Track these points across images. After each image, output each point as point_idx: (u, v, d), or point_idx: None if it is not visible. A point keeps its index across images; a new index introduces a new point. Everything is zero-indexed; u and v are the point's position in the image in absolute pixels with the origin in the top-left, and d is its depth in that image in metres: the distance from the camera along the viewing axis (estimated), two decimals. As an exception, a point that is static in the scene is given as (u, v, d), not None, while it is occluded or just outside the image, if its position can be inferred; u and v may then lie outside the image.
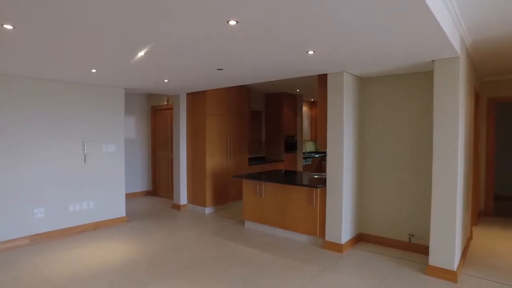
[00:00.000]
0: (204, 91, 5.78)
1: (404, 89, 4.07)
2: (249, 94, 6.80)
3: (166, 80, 4.69)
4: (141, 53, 3.10)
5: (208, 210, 5.88)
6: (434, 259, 3.35)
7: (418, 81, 3.95)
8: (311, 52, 3.06)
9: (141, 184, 7.39)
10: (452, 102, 3.23)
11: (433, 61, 3.34)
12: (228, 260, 3.77)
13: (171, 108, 6.63)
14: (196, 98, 5.96)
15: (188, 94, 6.11)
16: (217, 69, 3.89)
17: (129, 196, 6.92)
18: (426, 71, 3.78)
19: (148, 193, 7.50)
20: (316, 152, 8.93)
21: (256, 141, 7.53)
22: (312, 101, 8.77)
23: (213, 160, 5.90)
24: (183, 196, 6.17)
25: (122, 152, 5.31)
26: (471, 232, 4.53)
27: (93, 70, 3.89)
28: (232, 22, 2.27)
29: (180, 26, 2.36)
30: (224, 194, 6.11)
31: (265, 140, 7.76)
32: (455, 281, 3.20)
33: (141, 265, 3.62)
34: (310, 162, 8.32)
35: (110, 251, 4.04)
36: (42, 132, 4.41)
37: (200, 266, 3.59)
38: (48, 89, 4.45)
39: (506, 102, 5.92)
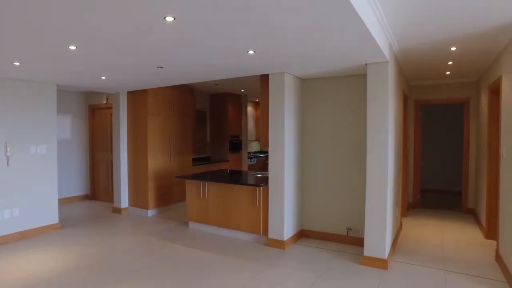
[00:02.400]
0: (146, 90, 5.57)
1: (342, 90, 4.30)
2: (192, 94, 6.69)
3: (103, 77, 4.44)
4: (72, 47, 2.89)
5: (150, 212, 5.68)
6: (368, 249, 3.59)
7: (355, 82, 4.19)
8: (251, 52, 3.10)
9: (78, 187, 6.90)
10: (383, 103, 3.48)
11: (366, 64, 3.57)
12: (171, 262, 3.67)
13: (111, 107, 6.29)
14: (137, 97, 5.73)
15: (128, 92, 5.85)
16: (158, 67, 3.78)
17: (64, 201, 6.43)
18: (362, 73, 4.03)
19: (86, 197, 7.03)
20: (261, 152, 9.07)
21: (201, 141, 7.44)
22: (256, 102, 8.89)
23: (156, 161, 5.71)
24: (124, 199, 5.88)
25: (55, 154, 4.91)
26: (401, 223, 4.93)
27: (16, 63, 3.54)
28: (169, 19, 2.22)
29: (108, 20, 2.24)
30: (167, 195, 5.95)
31: (210, 140, 7.70)
32: (385, 268, 3.45)
33: (76, 275, 3.37)
34: (255, 162, 8.43)
35: (38, 263, 3.69)
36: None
37: (141, 271, 3.45)
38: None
39: (429, 104, 6.53)
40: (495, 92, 4.08)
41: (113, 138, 6.02)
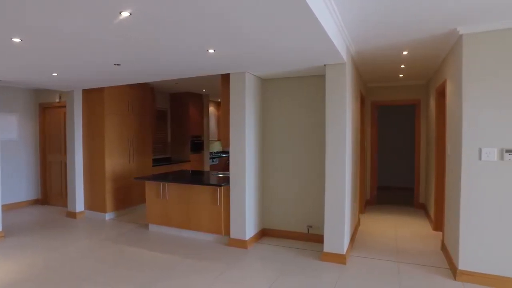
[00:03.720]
0: (102, 88, 5.34)
1: (303, 90, 4.39)
2: (153, 93, 6.52)
3: (55, 74, 4.19)
4: (16, 39, 2.70)
5: (108, 215, 5.45)
6: (328, 246, 3.69)
7: (316, 83, 4.29)
8: (211, 51, 3.08)
9: (26, 192, 6.43)
10: (340, 103, 3.61)
11: (325, 65, 3.68)
12: (130, 266, 3.55)
13: (65, 106, 5.95)
14: (93, 96, 5.47)
15: (84, 90, 5.57)
16: (114, 64, 3.63)
17: (10, 207, 5.98)
18: (322, 74, 4.12)
19: (37, 202, 6.58)
20: (223, 152, 9.03)
21: (161, 142, 7.26)
22: (218, 101, 8.84)
23: (114, 162, 5.49)
24: (79, 202, 5.59)
25: (-2, 156, 4.56)
26: (359, 219, 5.13)
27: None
28: (125, 14, 2.15)
29: (55, 12, 2.12)
30: (126, 197, 5.74)
31: (171, 141, 7.54)
32: (344, 263, 3.58)
33: (23, 287, 3.14)
34: (217, 162, 8.38)
35: (-19, 273, 3.41)
36: None
37: (97, 277, 3.30)
38: None
39: (385, 105, 6.87)
40: (441, 94, 4.38)
41: (67, 139, 5.70)
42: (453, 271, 3.28)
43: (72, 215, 5.58)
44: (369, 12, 2.72)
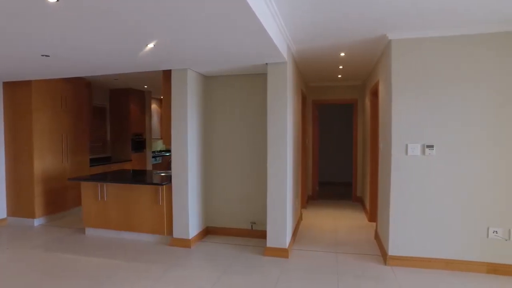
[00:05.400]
0: (29, 81, 4.87)
1: (246, 88, 4.42)
2: (89, 88, 6.12)
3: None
4: None
5: (38, 221, 5.00)
6: (271, 241, 3.77)
7: (258, 81, 4.35)
8: (151, 45, 2.97)
9: None
10: (282, 102, 3.70)
11: (266, 64, 3.74)
12: (64, 275, 3.28)
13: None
14: (18, 89, 4.97)
15: (6, 83, 5.03)
16: (42, 55, 3.34)
17: None
18: (264, 72, 4.18)
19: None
20: (166, 151, 8.79)
21: (100, 140, 6.85)
22: (161, 98, 8.56)
23: (44, 163, 5.05)
24: (1, 209, 5.05)
25: None
26: (301, 214, 5.31)
27: None
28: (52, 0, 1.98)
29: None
30: (60, 200, 5.32)
31: (110, 139, 7.15)
32: (287, 256, 3.68)
33: None
34: (160, 161, 8.13)
35: None
36: None
37: (23, 288, 3.01)
38: None
39: (326, 104, 7.19)
40: (375, 94, 4.70)
41: (-15, 138, 5.12)
42: (384, 257, 3.55)
43: (-7, 222, 5.03)
44: (308, 14, 2.83)
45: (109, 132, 7.13)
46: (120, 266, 3.50)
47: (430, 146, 3.30)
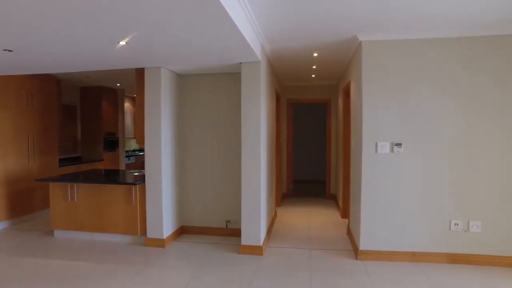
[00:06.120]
0: (-9, 78, 4.65)
1: (220, 87, 4.42)
2: (58, 86, 5.91)
3: None
4: None
5: (1, 225, 4.78)
6: (245, 239, 3.80)
7: (232, 80, 4.35)
8: (122, 43, 2.91)
9: None
10: (255, 100, 3.73)
11: (240, 63, 3.76)
12: (32, 280, 3.14)
13: None
14: (-21, 86, 4.73)
15: (-34, 80, 4.78)
16: (5, 50, 3.19)
17: None
18: (239, 71, 4.19)
19: None
20: (140, 150, 8.63)
21: (70, 140, 6.63)
22: (135, 97, 8.40)
23: (8, 164, 4.83)
24: (-37, 211, 4.79)
25: None
26: (276, 212, 5.38)
27: None
28: (15, -6, 1.91)
29: None
30: (25, 203, 5.11)
31: (82, 139, 6.94)
32: (261, 254, 3.73)
33: None
34: (134, 161, 7.98)
35: None
36: None
37: (-14, 294, 2.89)
38: None
39: (300, 103, 7.30)
40: (347, 94, 4.83)
41: None
42: (356, 252, 3.67)
43: (-46, 226, 4.76)
44: (281, 14, 2.87)
45: (80, 131, 6.92)
46: (92, 268, 3.41)
47: (399, 144, 3.43)
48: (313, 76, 5.95)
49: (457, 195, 3.39)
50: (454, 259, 3.40)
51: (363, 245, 3.55)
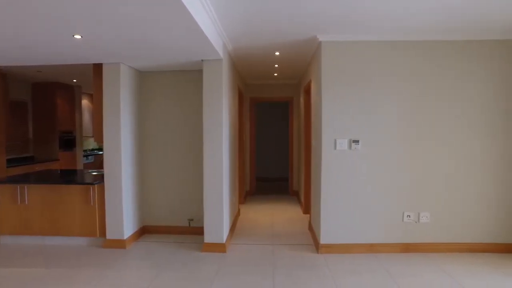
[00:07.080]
0: None
1: (182, 84, 4.37)
2: (4, 80, 5.51)
3: None
4: None
5: None
6: (208, 237, 3.80)
7: (194, 77, 4.32)
8: (78, 37, 2.79)
9: None
10: (217, 98, 3.73)
11: (202, 60, 3.74)
12: (-26, 287, 2.96)
13: None
14: None
15: None
16: None
17: None
18: (201, 69, 4.16)
19: None
20: (99, 149, 8.29)
21: (20, 139, 6.22)
22: (93, 94, 8.05)
23: (-50, 164, 4.46)
24: None
25: None
26: (239, 209, 5.41)
27: None
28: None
29: None
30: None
31: (34, 137, 6.53)
32: (224, 251, 3.74)
33: None
34: (92, 160, 7.65)
35: None
36: None
37: None
38: None
39: (263, 101, 7.38)
40: (308, 92, 4.96)
41: None
42: (317, 246, 3.79)
43: None
44: (242, 14, 2.90)
45: (32, 129, 6.51)
46: (47, 274, 3.23)
47: (356, 141, 3.59)
48: (275, 74, 6.03)
49: (409, 188, 3.62)
50: (408, 248, 3.64)
51: (324, 239, 3.68)
